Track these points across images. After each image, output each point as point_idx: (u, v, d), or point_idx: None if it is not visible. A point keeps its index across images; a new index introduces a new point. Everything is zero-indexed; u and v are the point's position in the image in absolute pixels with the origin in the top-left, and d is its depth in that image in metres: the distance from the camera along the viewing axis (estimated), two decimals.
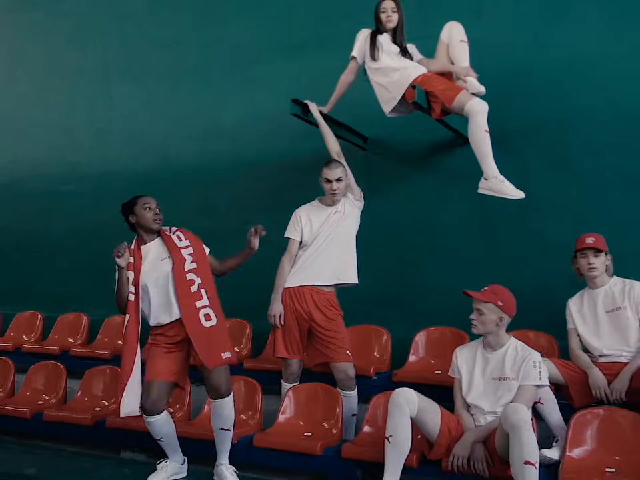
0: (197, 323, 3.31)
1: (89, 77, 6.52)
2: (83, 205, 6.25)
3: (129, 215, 3.47)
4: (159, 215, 3.47)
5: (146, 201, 3.46)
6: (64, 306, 5.84)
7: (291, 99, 4.27)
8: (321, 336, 3.87)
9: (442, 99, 3.86)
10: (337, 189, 3.85)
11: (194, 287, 3.37)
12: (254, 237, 3.53)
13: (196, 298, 3.35)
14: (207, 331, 3.32)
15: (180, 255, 3.42)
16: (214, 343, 3.32)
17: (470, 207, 4.66)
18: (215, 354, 3.30)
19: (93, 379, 4.55)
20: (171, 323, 3.40)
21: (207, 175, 5.67)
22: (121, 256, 3.39)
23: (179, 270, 3.38)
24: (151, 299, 3.41)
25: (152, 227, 3.45)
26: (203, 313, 3.34)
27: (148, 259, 3.45)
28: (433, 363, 4.13)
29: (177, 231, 3.54)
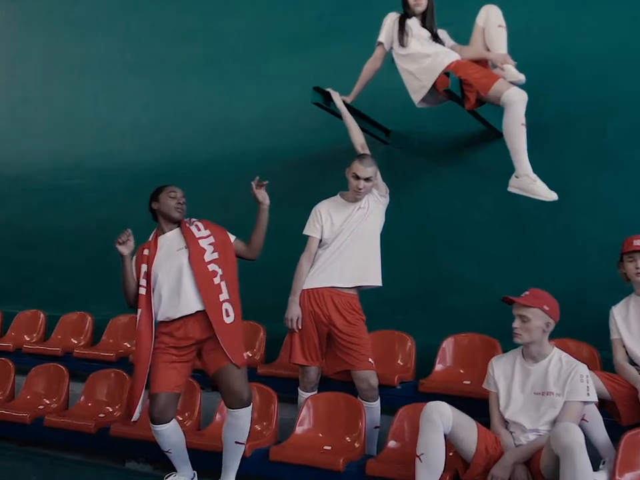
0: (220, 318, 3.12)
1: (94, 70, 6.31)
2: (87, 200, 6.06)
3: (153, 201, 3.34)
4: (183, 205, 3.33)
5: (172, 189, 3.34)
6: (67, 305, 5.65)
7: (313, 87, 4.02)
8: (341, 342, 3.63)
9: (477, 88, 3.58)
10: (363, 188, 3.61)
11: (216, 279, 3.18)
12: (257, 190, 3.35)
13: (218, 291, 3.16)
14: (227, 328, 3.13)
15: (198, 246, 3.23)
16: (235, 341, 3.14)
17: (500, 204, 4.39)
18: (239, 352, 3.11)
19: (97, 383, 4.31)
20: (179, 320, 3.17)
21: (217, 170, 5.45)
22: (122, 243, 3.23)
23: (198, 260, 3.18)
24: (161, 290, 3.20)
25: (172, 215, 3.31)
26: (224, 307, 3.15)
27: (163, 249, 3.28)
28: (462, 372, 3.85)
29: (197, 222, 3.38)
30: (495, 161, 4.36)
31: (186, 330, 3.18)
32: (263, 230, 3.38)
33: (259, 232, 3.37)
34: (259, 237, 3.38)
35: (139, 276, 3.27)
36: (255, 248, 3.39)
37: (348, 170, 3.66)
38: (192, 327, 3.17)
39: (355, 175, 3.60)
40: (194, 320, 3.17)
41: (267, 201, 3.37)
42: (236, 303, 3.22)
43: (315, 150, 5.09)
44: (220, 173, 5.38)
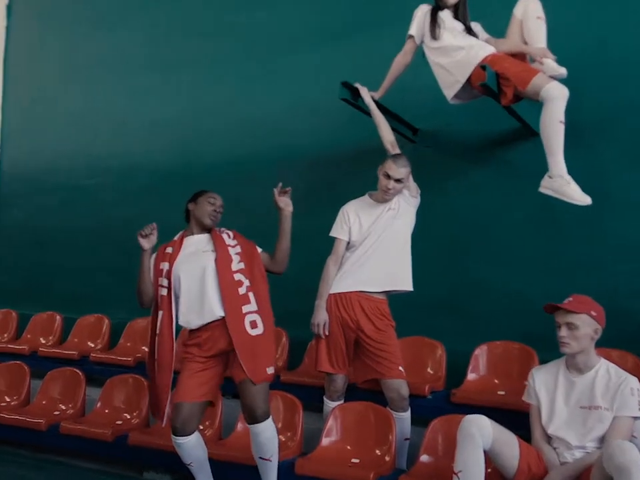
0: (241, 329, 2.96)
1: (111, 67, 6.17)
2: (105, 200, 5.94)
3: (190, 202, 3.28)
4: (218, 214, 3.24)
5: (212, 196, 3.27)
6: (84, 307, 5.56)
7: (341, 82, 3.85)
8: (370, 349, 3.47)
9: (515, 82, 3.40)
10: (392, 189, 3.46)
11: (242, 289, 3.03)
12: (279, 196, 3.18)
13: (243, 302, 3.01)
14: (251, 340, 2.96)
15: (226, 252, 3.10)
16: (259, 354, 2.95)
17: (534, 205, 4.16)
18: (259, 367, 2.93)
19: (115, 389, 4.18)
20: (204, 327, 3.04)
21: (236, 170, 5.28)
22: (145, 236, 3.10)
23: (225, 267, 3.05)
24: (183, 294, 3.07)
25: (204, 221, 3.21)
26: (249, 319, 2.99)
27: (187, 249, 3.17)
28: (497, 382, 3.66)
29: (226, 231, 3.27)
30: (528, 160, 4.20)
31: (213, 340, 3.05)
32: (286, 240, 3.20)
33: (283, 243, 3.20)
34: (282, 249, 3.21)
35: (158, 275, 3.15)
36: (279, 261, 3.22)
37: (380, 168, 3.51)
38: (219, 337, 3.03)
39: (386, 174, 3.44)
40: (221, 328, 3.02)
41: (290, 208, 3.20)
42: (266, 316, 3.07)
43: (339, 149, 4.93)
44: (240, 172, 5.21)
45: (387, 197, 3.51)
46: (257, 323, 3.00)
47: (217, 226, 3.28)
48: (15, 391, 4.52)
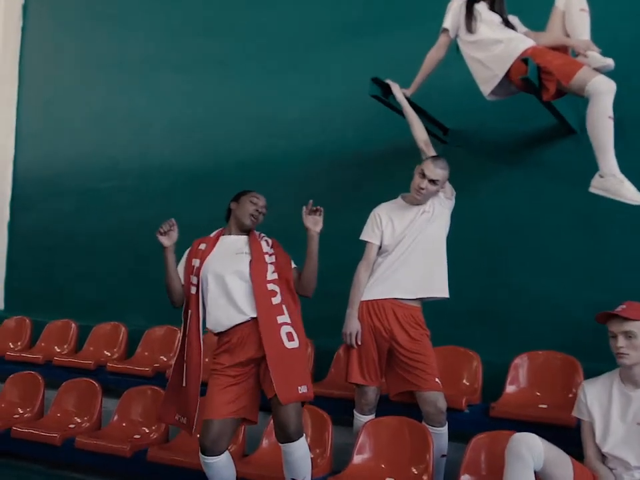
0: (277, 341, 2.77)
1: (131, 66, 6.02)
2: (123, 203, 5.79)
3: (233, 201, 3.15)
4: (259, 215, 3.09)
5: (256, 195, 3.13)
6: (100, 314, 5.42)
7: (371, 78, 3.67)
8: (404, 359, 3.27)
9: (558, 76, 3.19)
10: (424, 189, 3.27)
11: (275, 299, 2.85)
12: (307, 215, 2.94)
13: (277, 312, 2.82)
14: (288, 354, 2.77)
15: (262, 259, 2.92)
16: (293, 371, 2.75)
17: (572, 207, 4.02)
18: (291, 386, 2.72)
19: (132, 401, 3.99)
20: (232, 330, 2.86)
21: (261, 171, 5.09)
22: (164, 233, 2.94)
23: (259, 273, 2.87)
24: (209, 294, 2.92)
25: (244, 221, 3.06)
26: (284, 330, 2.80)
27: (221, 248, 3.02)
28: (539, 395, 3.45)
29: (266, 238, 3.11)
30: (566, 160, 4.08)
31: (244, 344, 2.85)
32: (313, 262, 2.97)
33: (309, 265, 2.97)
34: (309, 272, 2.98)
35: (189, 272, 3.00)
36: (304, 284, 3.00)
37: (417, 167, 3.34)
38: (250, 341, 2.84)
39: (421, 173, 3.27)
40: (252, 331, 2.83)
41: (318, 228, 2.94)
42: (301, 333, 2.89)
43: (367, 149, 4.76)
44: (264, 173, 5.01)
45: (418, 197, 3.32)
46: (293, 336, 2.81)
47: (257, 229, 3.13)
48: (28, 403, 4.35)
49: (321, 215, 2.93)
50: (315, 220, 2.93)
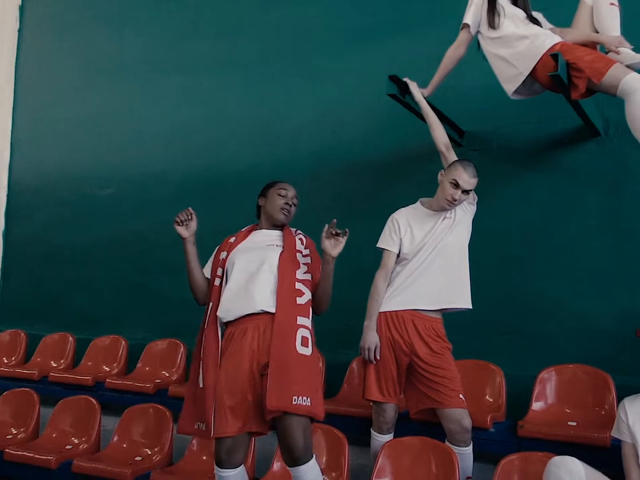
0: (289, 342, 2.53)
1: (130, 69, 5.85)
2: (122, 212, 5.61)
3: (260, 197, 2.98)
4: (291, 207, 2.89)
5: (283, 186, 2.92)
6: (99, 327, 5.25)
7: (389, 76, 3.48)
8: (425, 374, 3.08)
9: (589, 73, 3.00)
10: (457, 201, 3.11)
11: (301, 299, 2.64)
12: (327, 238, 2.68)
13: (300, 312, 2.61)
14: (296, 358, 2.52)
15: (294, 255, 2.72)
16: (294, 378, 2.50)
17: (599, 214, 3.85)
18: (284, 393, 2.47)
19: (133, 421, 3.75)
20: (243, 319, 2.64)
21: (265, 177, 4.61)
22: (181, 223, 2.77)
23: (288, 268, 2.67)
24: (230, 281, 2.73)
25: (276, 216, 2.86)
26: (301, 333, 2.57)
27: (251, 240, 2.85)
28: (569, 412, 3.24)
29: (302, 236, 2.89)
30: (590, 164, 3.92)
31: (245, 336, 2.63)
32: (327, 284, 2.75)
33: (323, 286, 2.75)
34: (322, 292, 2.76)
35: (216, 265, 2.82)
36: (316, 298, 2.78)
37: (444, 173, 3.16)
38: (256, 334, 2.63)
39: (454, 182, 3.07)
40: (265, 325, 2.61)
41: (336, 252, 2.69)
42: (314, 339, 2.67)
43: (377, 155, 4.58)
44: (268, 181, 4.72)
45: (449, 208, 3.17)
46: (308, 341, 2.58)
47: (290, 222, 2.93)
48: (22, 422, 4.12)
49: (345, 237, 2.67)
50: (334, 243, 2.67)
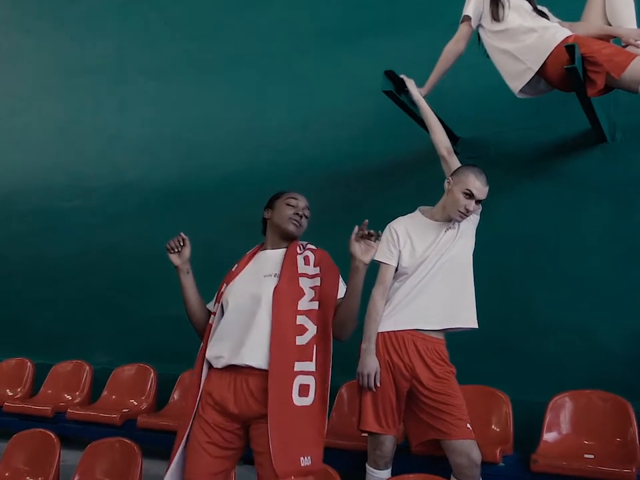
0: (285, 395, 2.17)
1: (99, 72, 5.75)
2: (89, 224, 5.44)
3: (266, 208, 2.60)
4: (301, 219, 2.51)
5: (292, 196, 2.55)
6: (61, 351, 5.02)
7: (385, 71, 3.26)
8: (429, 402, 2.80)
9: (607, 68, 2.81)
10: (470, 211, 2.87)
11: (302, 339, 2.24)
12: (356, 240, 2.27)
13: (298, 356, 2.22)
14: (293, 413, 2.17)
15: (294, 283, 2.32)
16: (296, 436, 2.16)
17: (606, 226, 3.68)
18: (291, 455, 2.13)
19: (98, 457, 3.32)
20: (233, 369, 2.30)
21: (245, 188, 4.78)
22: (172, 251, 2.47)
23: (283, 304, 2.27)
24: (221, 324, 2.40)
25: (285, 227, 2.48)
26: (299, 381, 2.20)
27: (252, 267, 2.49)
28: (586, 443, 2.98)
29: (310, 251, 2.48)
30: (596, 171, 3.79)
31: (236, 397, 2.28)
32: (354, 300, 2.29)
33: (349, 302, 2.30)
34: (346, 311, 2.31)
35: (217, 300, 2.50)
36: (338, 322, 2.34)
37: (453, 182, 2.91)
38: (246, 393, 2.27)
39: (467, 192, 2.83)
40: (258, 382, 2.26)
41: (367, 258, 2.26)
42: (323, 380, 2.28)
43: (365, 161, 4.40)
44: (249, 190, 4.67)
45: (460, 220, 2.92)
46: (308, 390, 2.22)
47: (301, 236, 2.57)
48: None
49: (377, 240, 2.28)
50: (366, 248, 2.27)
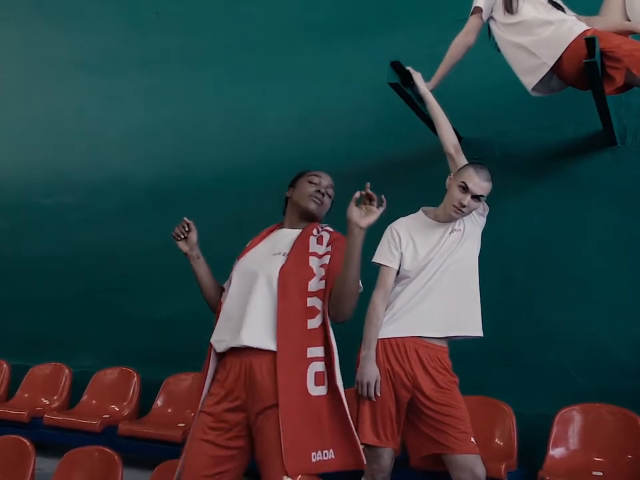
0: (298, 384, 2.04)
1: (84, 66, 5.62)
2: (71, 222, 5.32)
3: (289, 187, 2.53)
4: (324, 197, 2.40)
5: (315, 174, 2.48)
6: (39, 353, 4.92)
7: (390, 62, 3.16)
8: (431, 414, 2.70)
9: (628, 63, 2.72)
10: (466, 207, 2.77)
11: (313, 322, 2.11)
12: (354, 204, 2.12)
13: (310, 341, 2.09)
14: (308, 404, 2.03)
15: (304, 263, 2.20)
16: (310, 429, 2.02)
17: (615, 232, 3.61)
18: (302, 450, 1.99)
19: (75, 466, 3.19)
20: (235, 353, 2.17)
21: (236, 185, 4.72)
22: (179, 237, 2.40)
23: (291, 284, 2.15)
24: (224, 304, 2.30)
25: (305, 204, 2.38)
26: (314, 369, 2.06)
27: (267, 244, 2.39)
28: (595, 460, 2.89)
29: (326, 231, 2.36)
30: (606, 175, 3.69)
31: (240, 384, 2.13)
32: (350, 273, 2.11)
33: (344, 275, 2.13)
34: (342, 285, 2.13)
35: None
36: (333, 300, 2.16)
37: (453, 177, 2.85)
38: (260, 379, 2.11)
39: (463, 186, 2.74)
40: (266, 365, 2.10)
41: (365, 222, 2.08)
42: (332, 364, 2.11)
43: (363, 160, 4.29)
44: (240, 188, 4.65)
45: (456, 216, 2.82)
46: (323, 377, 2.08)
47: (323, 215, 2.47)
48: None
49: (382, 208, 2.10)
50: (366, 213, 2.11)
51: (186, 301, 4.32)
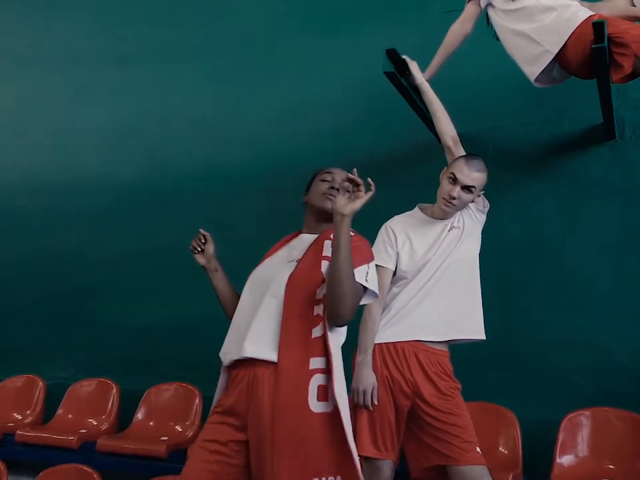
0: (299, 399, 1.93)
1: (51, 60, 5.57)
2: (39, 226, 5.24)
3: (305, 191, 2.42)
4: (338, 193, 2.19)
5: (327, 171, 2.34)
6: (10, 365, 4.88)
7: (386, 49, 3.10)
8: (433, 422, 2.62)
9: (636, 49, 2.69)
10: (456, 199, 2.71)
11: (317, 330, 2.01)
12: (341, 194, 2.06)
13: (314, 351, 1.99)
14: (310, 422, 1.93)
15: (315, 268, 2.10)
16: (311, 451, 1.90)
17: (613, 229, 3.62)
18: (300, 474, 1.89)
19: None
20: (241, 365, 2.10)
21: (217, 184, 4.68)
22: (195, 250, 2.37)
23: (299, 290, 2.06)
24: (235, 314, 2.24)
25: (319, 205, 2.27)
26: (316, 382, 1.96)
27: (284, 251, 2.29)
28: (606, 467, 2.84)
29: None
30: (603, 171, 3.66)
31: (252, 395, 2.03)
32: (338, 266, 1.99)
33: (333, 269, 2.01)
34: (332, 279, 2.01)
35: None
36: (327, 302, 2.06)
37: (445, 170, 2.80)
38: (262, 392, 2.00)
39: (452, 177, 2.70)
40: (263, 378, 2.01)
41: (347, 209, 1.98)
42: (338, 376, 2.00)
43: (348, 158, 4.05)
44: (216, 187, 4.63)
45: (447, 210, 2.76)
46: (326, 392, 1.97)
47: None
48: None
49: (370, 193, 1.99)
50: (350, 199, 2.02)
51: (169, 308, 4.32)
